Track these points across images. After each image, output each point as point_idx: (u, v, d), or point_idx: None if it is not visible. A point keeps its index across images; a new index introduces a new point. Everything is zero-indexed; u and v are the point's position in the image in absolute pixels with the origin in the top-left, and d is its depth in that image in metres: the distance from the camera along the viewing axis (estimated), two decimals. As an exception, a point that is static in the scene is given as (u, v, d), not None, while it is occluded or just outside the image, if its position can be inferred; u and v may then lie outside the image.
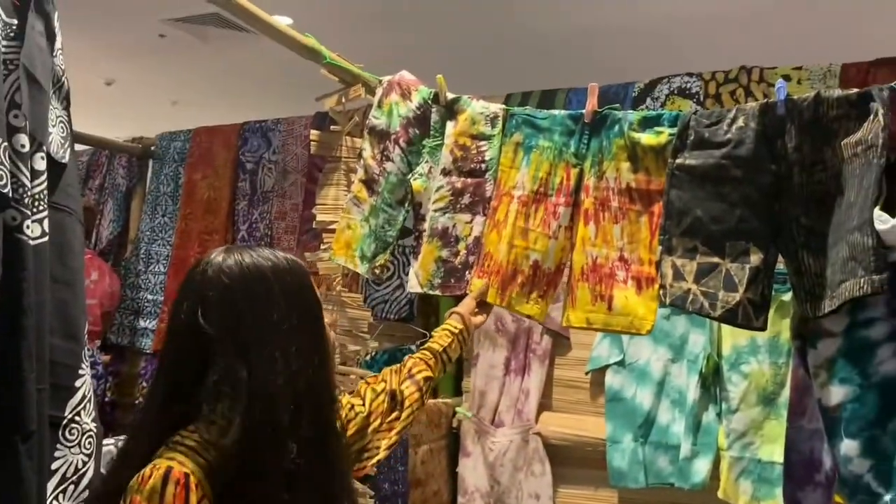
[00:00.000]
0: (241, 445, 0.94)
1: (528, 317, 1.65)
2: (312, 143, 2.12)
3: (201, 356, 0.99)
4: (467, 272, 1.71)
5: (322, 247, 2.07)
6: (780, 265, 1.74)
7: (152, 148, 3.35)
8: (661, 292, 1.50)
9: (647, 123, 1.58)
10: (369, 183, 1.88)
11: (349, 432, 1.29)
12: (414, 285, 1.78)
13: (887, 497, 1.39)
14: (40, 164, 1.39)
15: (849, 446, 1.41)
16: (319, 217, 2.08)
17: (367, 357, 2.69)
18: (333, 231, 2.03)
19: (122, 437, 1.40)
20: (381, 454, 1.32)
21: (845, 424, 1.42)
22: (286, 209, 2.99)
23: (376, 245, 1.87)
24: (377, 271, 1.89)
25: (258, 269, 1.04)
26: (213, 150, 3.17)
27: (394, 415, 1.37)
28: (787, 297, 2.11)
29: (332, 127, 2.18)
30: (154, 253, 3.25)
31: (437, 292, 1.76)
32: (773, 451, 2.10)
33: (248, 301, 1.01)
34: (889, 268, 1.30)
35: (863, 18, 3.26)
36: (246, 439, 0.95)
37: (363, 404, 1.35)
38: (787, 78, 2.23)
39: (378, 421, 1.34)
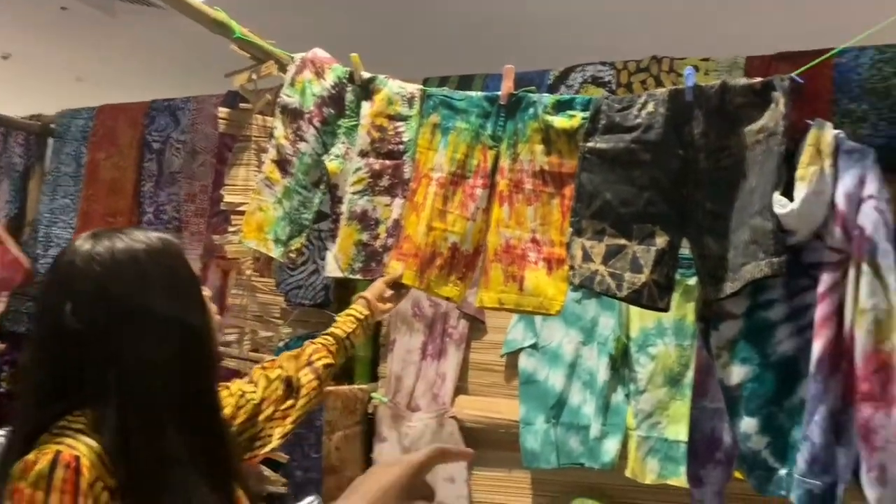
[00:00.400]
0: (119, 435, 0.89)
1: (448, 299, 1.64)
2: (221, 121, 2.04)
3: (73, 354, 0.93)
4: (386, 255, 1.69)
5: (231, 229, 2.00)
6: (687, 250, 1.79)
7: (52, 126, 3.16)
8: (570, 273, 1.52)
9: (561, 107, 1.59)
10: (282, 164, 1.82)
11: (239, 420, 1.24)
12: (333, 269, 1.75)
13: (782, 471, 1.46)
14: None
15: (748, 424, 1.47)
16: (228, 198, 2.01)
17: (281, 343, 2.63)
18: (243, 213, 1.97)
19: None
20: (274, 443, 1.28)
21: (745, 403, 1.47)
22: (195, 191, 2.88)
23: (291, 228, 1.82)
24: (292, 255, 1.84)
25: (131, 254, 0.96)
26: (118, 129, 3.02)
27: (288, 402, 1.33)
28: (693, 281, 2.17)
29: (241, 105, 2.11)
30: (54, 236, 3.08)
31: (359, 276, 1.73)
32: (679, 431, 2.16)
33: (122, 291, 0.94)
34: (788, 251, 1.35)
35: (768, 14, 3.39)
36: (124, 429, 0.90)
37: (255, 391, 1.30)
38: (695, 68, 2.29)
39: (271, 409, 1.30)
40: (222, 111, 2.08)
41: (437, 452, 0.88)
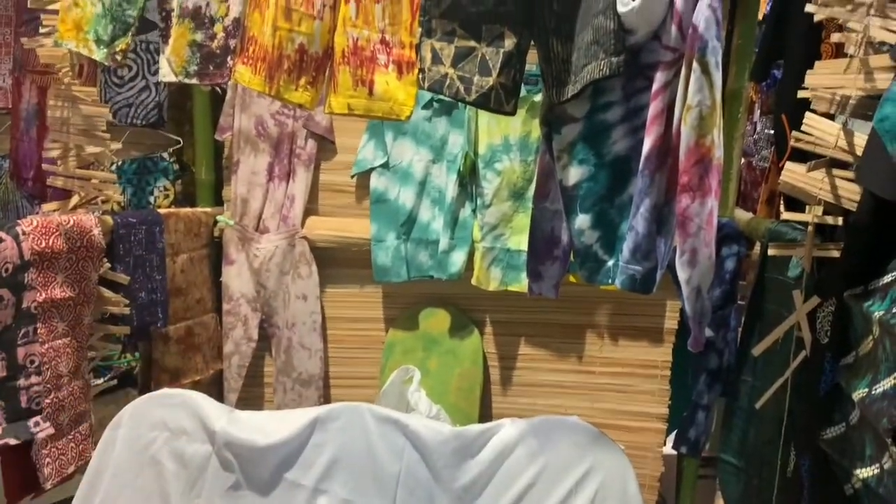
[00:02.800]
0: None
1: (300, 106, 1.56)
2: None
3: None
4: (228, 58, 1.57)
5: (42, 30, 1.78)
6: (534, 66, 1.80)
7: None
8: (419, 76, 1.49)
9: None
10: (96, -49, 1.61)
11: None
12: (167, 73, 1.61)
13: (610, 262, 1.58)
14: None
15: (582, 220, 1.56)
16: (36, -7, 1.77)
17: (114, 166, 2.46)
18: (55, 13, 1.75)
19: None
20: None
21: (580, 201, 1.56)
22: (-4, -6, 2.52)
23: (114, 26, 1.64)
24: (118, 58, 1.67)
25: None
26: None
27: None
28: (539, 97, 2.23)
29: None
30: None
31: (195, 81, 1.60)
32: (521, 241, 2.29)
33: None
34: (626, 51, 1.39)
35: None
36: None
37: None
38: None
39: None
40: None
41: None
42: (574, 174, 1.54)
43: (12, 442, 1.64)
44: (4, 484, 1.69)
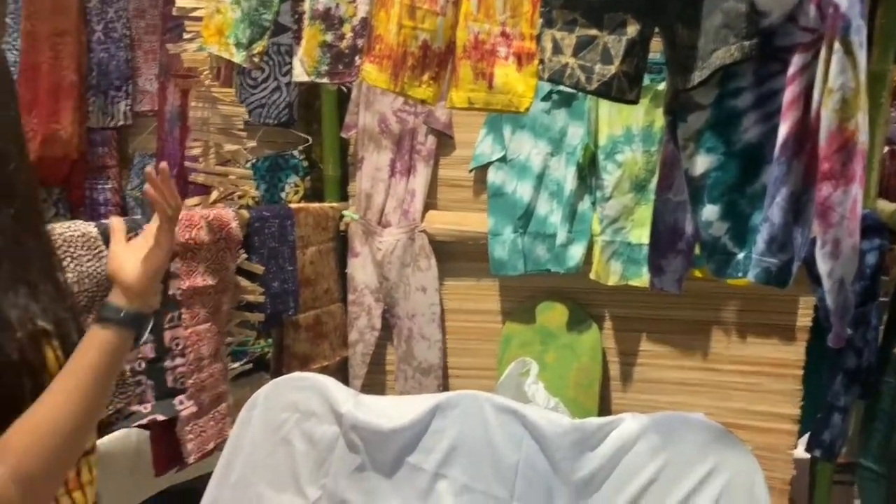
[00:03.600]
0: None
1: (422, 101, 1.60)
2: (167, -83, 1.89)
3: None
4: (357, 57, 1.63)
5: (186, 36, 1.91)
6: (658, 54, 1.76)
7: (-21, -64, 2.91)
8: (539, 67, 1.49)
9: None
10: (235, -40, 1.71)
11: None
12: (299, 73, 1.69)
13: (740, 255, 1.52)
14: None
15: (710, 211, 1.51)
16: (179, 3, 1.90)
17: (249, 163, 2.61)
18: (198, 19, 1.88)
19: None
20: None
21: (708, 191, 1.51)
22: (144, 6, 2.72)
23: (252, 30, 1.74)
24: (255, 60, 1.77)
25: None
26: (54, -61, 2.79)
27: None
28: (662, 86, 2.17)
29: None
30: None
31: (326, 80, 1.68)
32: (642, 235, 2.24)
33: None
34: (759, 34, 1.34)
35: None
36: None
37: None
38: None
39: None
40: None
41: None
42: (701, 163, 1.50)
43: (160, 418, 1.78)
44: (153, 456, 1.84)
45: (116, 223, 1.12)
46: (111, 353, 0.90)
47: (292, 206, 2.37)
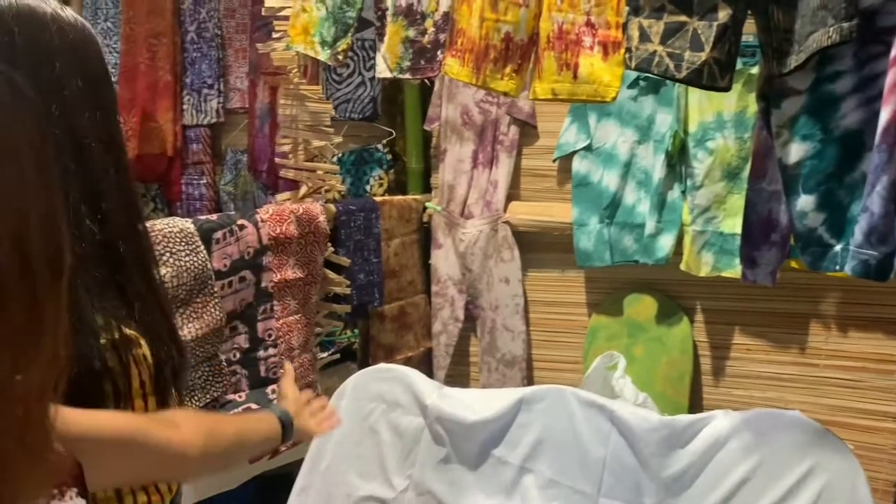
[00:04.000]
0: None
1: (505, 94, 1.60)
2: (254, -80, 1.94)
3: None
4: (439, 52, 1.64)
5: (274, 35, 1.96)
6: (751, 37, 1.69)
7: (82, -54, 3.07)
8: (626, 56, 1.46)
9: None
10: (320, -41, 1.74)
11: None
12: (383, 70, 1.71)
13: (837, 247, 1.45)
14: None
15: (805, 201, 1.45)
16: (268, 2, 1.95)
17: (335, 157, 2.66)
18: (285, 18, 1.92)
19: None
20: None
21: (803, 181, 1.45)
22: (234, 5, 2.81)
23: (336, 28, 1.77)
24: (339, 57, 1.80)
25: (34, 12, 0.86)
26: (150, -55, 2.92)
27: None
28: (756, 70, 2.09)
29: None
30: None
31: (408, 76, 1.69)
32: (735, 224, 2.16)
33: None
34: (859, 15, 1.27)
35: None
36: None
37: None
38: None
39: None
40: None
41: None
42: (796, 151, 1.43)
43: (253, 407, 1.84)
44: (248, 443, 1.91)
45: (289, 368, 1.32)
46: (267, 436, 1.07)
47: (377, 199, 2.41)
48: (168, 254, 1.59)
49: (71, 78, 0.87)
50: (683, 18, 1.40)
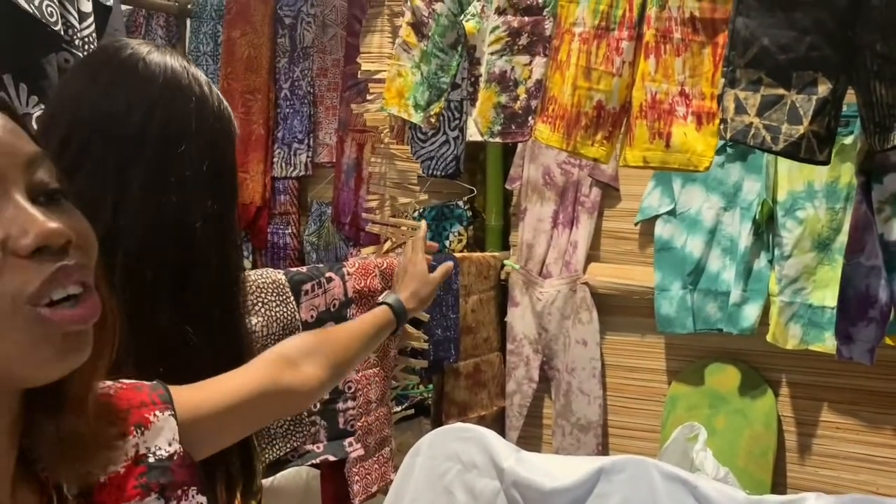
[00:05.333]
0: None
1: (594, 160, 1.61)
2: (355, -13, 2.04)
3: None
4: (529, 117, 1.67)
5: (368, 97, 2.04)
6: (844, 107, 1.67)
7: (189, 6, 3.27)
8: (721, 127, 1.45)
9: (714, -53, 1.47)
10: (418, 26, 1.81)
11: None
12: (474, 133, 1.75)
13: (945, 329, 1.39)
14: (86, 5, 1.37)
15: (909, 280, 1.40)
16: (365, 66, 2.03)
17: (416, 213, 2.71)
18: (380, 81, 1.99)
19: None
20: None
21: (907, 258, 1.40)
22: (327, 65, 2.93)
23: (430, 93, 1.83)
24: (432, 120, 1.86)
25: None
26: (251, 6, 3.08)
27: None
28: (849, 140, 2.05)
29: (374, -29, 2.09)
30: (199, 116, 3.25)
31: (498, 140, 1.73)
32: (825, 296, 2.10)
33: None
34: (970, 93, 1.24)
35: None
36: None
37: None
38: None
39: None
40: (356, -23, 2.07)
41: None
42: (900, 228, 1.39)
43: (331, 458, 1.86)
44: (322, 495, 1.92)
45: (424, 230, 1.53)
46: (381, 326, 1.20)
47: (456, 254, 2.43)
48: (260, 304, 1.64)
49: (197, 161, 0.87)
50: (781, 91, 1.40)
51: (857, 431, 2.22)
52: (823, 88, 1.37)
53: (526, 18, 1.66)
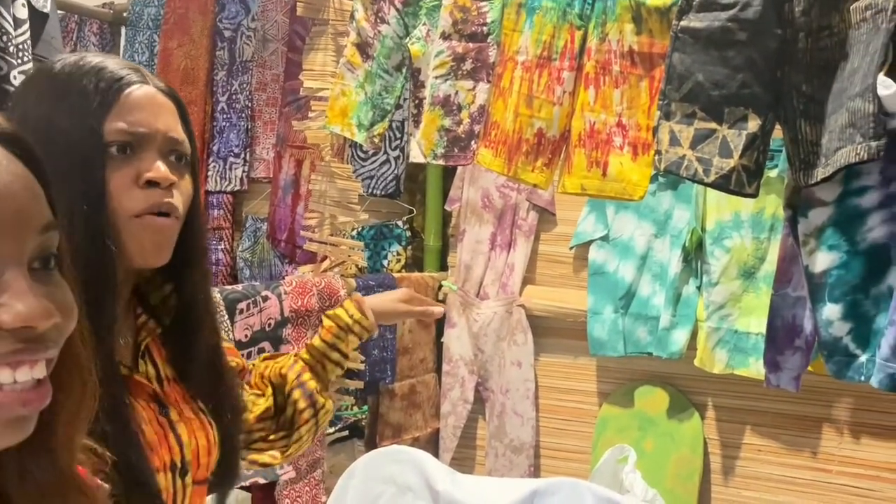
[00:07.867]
0: None
1: (534, 185, 1.64)
2: (299, 4, 2.03)
3: None
4: (472, 142, 1.69)
5: (310, 114, 2.02)
6: (772, 140, 1.74)
7: (125, 14, 3.18)
8: (655, 158, 1.50)
9: (653, -15, 1.52)
10: (363, 47, 1.81)
11: None
12: (417, 155, 1.76)
13: (863, 357, 1.46)
14: (21, 11, 1.32)
15: (831, 310, 1.46)
16: (307, 83, 2.02)
17: (354, 231, 2.70)
18: (322, 99, 1.98)
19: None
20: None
21: (829, 290, 1.47)
22: (266, 80, 2.90)
23: (374, 113, 1.83)
24: (376, 140, 1.85)
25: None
26: (189, 17, 3.02)
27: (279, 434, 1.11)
28: (774, 172, 2.14)
29: (318, -12, 2.08)
30: (130, 125, 3.16)
31: (441, 162, 1.74)
32: (750, 323, 2.18)
33: None
34: (887, 134, 1.31)
35: None
36: None
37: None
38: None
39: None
40: (300, -6, 2.06)
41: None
42: (822, 261, 1.46)
43: (261, 481, 1.82)
44: (252, 518, 1.88)
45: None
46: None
47: (395, 274, 2.43)
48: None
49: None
50: (714, 126, 1.45)
51: (778, 454, 2.30)
52: (753, 124, 1.43)
53: (470, 44, 1.68)
